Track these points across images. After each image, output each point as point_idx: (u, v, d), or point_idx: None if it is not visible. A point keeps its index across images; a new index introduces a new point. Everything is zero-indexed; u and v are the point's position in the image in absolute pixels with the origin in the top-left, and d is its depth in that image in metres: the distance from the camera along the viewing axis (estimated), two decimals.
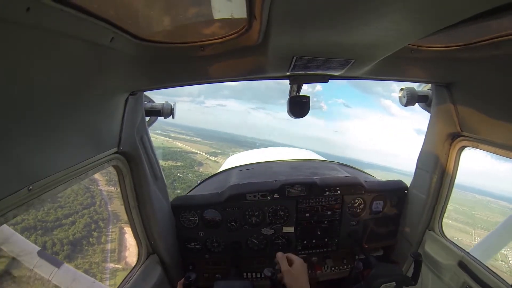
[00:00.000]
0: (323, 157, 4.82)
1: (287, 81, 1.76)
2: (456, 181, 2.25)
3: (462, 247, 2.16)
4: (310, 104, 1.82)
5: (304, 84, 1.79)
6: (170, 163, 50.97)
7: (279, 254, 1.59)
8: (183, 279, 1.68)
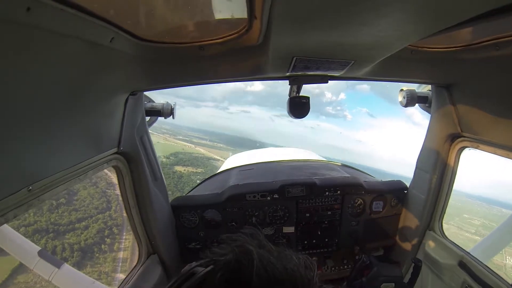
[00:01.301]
0: (321, 157, 4.82)
1: (313, 88, 1.76)
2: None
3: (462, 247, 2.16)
4: (310, 105, 1.82)
5: (312, 85, 1.78)
6: (190, 169, 49.57)
7: None
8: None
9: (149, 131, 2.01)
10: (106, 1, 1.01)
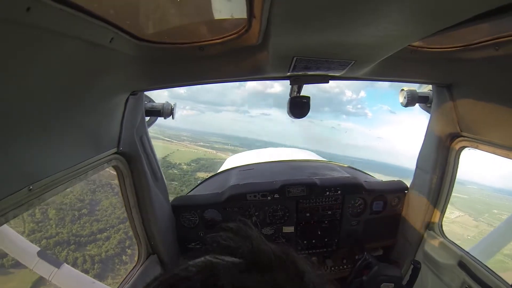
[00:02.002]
0: (321, 157, 4.83)
1: (332, 88, 1.76)
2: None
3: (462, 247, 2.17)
4: (310, 104, 1.82)
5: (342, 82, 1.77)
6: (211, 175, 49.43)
7: None
8: None
9: (168, 139, 2.01)
10: (106, 1, 1.01)
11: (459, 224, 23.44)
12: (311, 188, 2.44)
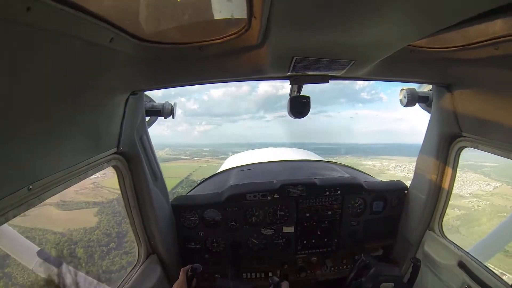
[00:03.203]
0: (320, 157, 4.83)
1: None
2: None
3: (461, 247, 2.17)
4: (310, 104, 1.82)
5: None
6: None
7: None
8: (188, 266, 1.75)
9: (190, 157, 2.03)
10: (106, 1, 1.01)
11: (500, 196, 22.04)
12: (310, 188, 2.44)
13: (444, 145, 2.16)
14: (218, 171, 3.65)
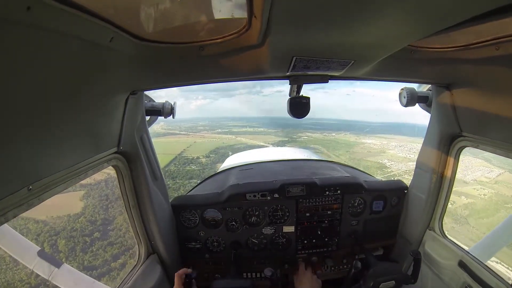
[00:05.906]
0: (320, 157, 4.82)
1: None
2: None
3: (462, 246, 2.17)
4: (310, 105, 1.83)
5: None
6: None
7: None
8: (181, 270, 1.77)
9: (185, 132, 2.01)
10: (106, 0, 1.00)
11: (504, 184, 21.54)
12: (310, 187, 2.44)
13: (444, 145, 2.16)
14: (218, 171, 3.66)
